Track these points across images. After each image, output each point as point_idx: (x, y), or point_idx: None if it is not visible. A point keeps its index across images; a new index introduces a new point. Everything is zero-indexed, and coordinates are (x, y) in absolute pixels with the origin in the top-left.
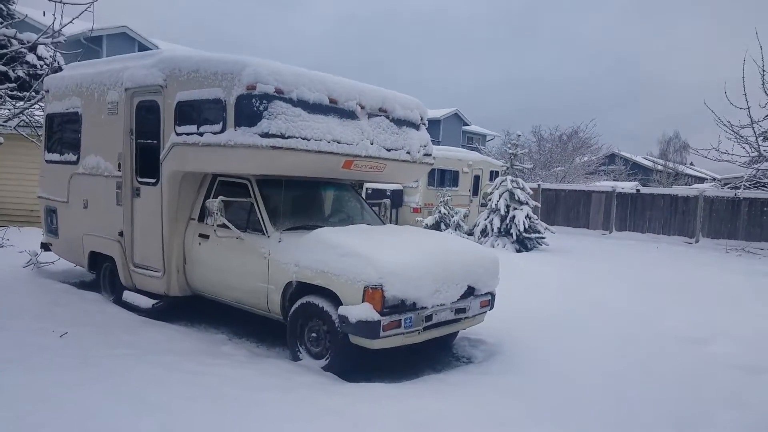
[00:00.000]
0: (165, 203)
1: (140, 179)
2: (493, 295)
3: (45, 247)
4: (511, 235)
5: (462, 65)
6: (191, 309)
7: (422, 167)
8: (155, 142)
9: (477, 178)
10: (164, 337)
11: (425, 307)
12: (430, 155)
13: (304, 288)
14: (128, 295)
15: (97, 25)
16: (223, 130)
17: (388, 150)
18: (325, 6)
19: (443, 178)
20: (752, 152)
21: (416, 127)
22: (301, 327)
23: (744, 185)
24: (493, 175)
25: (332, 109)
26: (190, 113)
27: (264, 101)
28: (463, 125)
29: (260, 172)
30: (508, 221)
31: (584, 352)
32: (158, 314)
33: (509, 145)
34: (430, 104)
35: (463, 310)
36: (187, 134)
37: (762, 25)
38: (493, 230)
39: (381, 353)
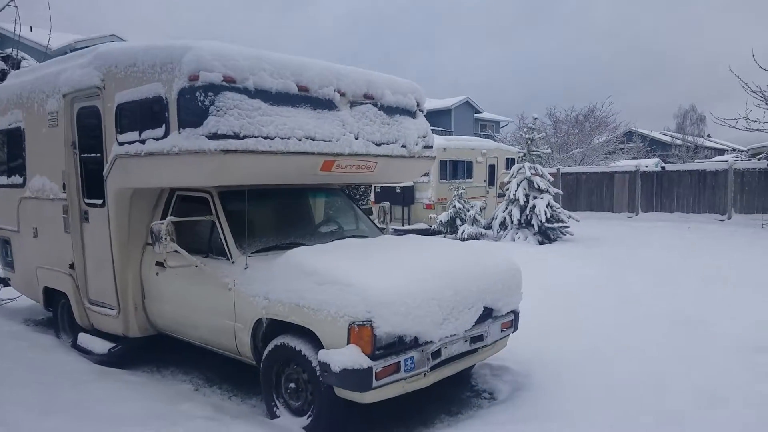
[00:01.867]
0: (113, 227)
1: (87, 200)
2: (516, 313)
3: (3, 282)
4: (533, 226)
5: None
6: (160, 350)
7: (422, 162)
8: (99, 155)
9: (492, 168)
10: (113, 394)
11: (431, 342)
12: (432, 147)
13: (278, 326)
14: (83, 338)
15: (87, 35)
16: (166, 135)
17: (378, 144)
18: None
19: (456, 169)
20: None
21: (412, 114)
22: (276, 375)
23: None
24: (509, 162)
25: (303, 98)
26: (131, 117)
27: (210, 94)
28: (475, 113)
29: (215, 183)
30: (528, 212)
31: (633, 378)
32: (118, 360)
33: (525, 129)
34: (441, 93)
35: (480, 338)
36: (129, 143)
37: None
38: (512, 222)
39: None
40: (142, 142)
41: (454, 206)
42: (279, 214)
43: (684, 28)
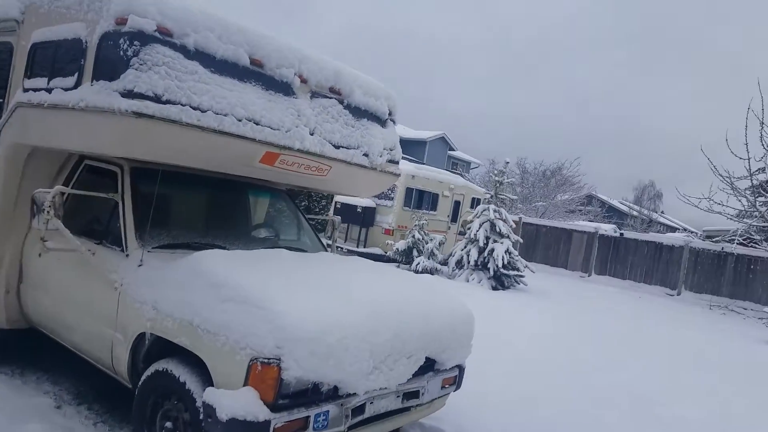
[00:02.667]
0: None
1: None
2: (461, 368)
3: None
4: (489, 269)
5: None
6: (37, 348)
7: (385, 177)
8: (2, 100)
9: (457, 204)
10: None
11: (353, 395)
12: (397, 163)
13: (164, 346)
14: None
15: None
16: (76, 86)
17: (337, 147)
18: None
19: (421, 199)
20: (748, 206)
21: (381, 122)
22: (152, 408)
23: (737, 239)
24: (475, 202)
25: (255, 74)
26: (44, 61)
27: (136, 43)
28: (449, 150)
29: (122, 153)
30: (486, 254)
31: None
32: None
33: (495, 172)
34: (418, 125)
35: (415, 395)
36: (35, 90)
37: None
38: (469, 262)
39: None
40: (49, 90)
41: (413, 236)
42: (204, 206)
43: (658, 107)
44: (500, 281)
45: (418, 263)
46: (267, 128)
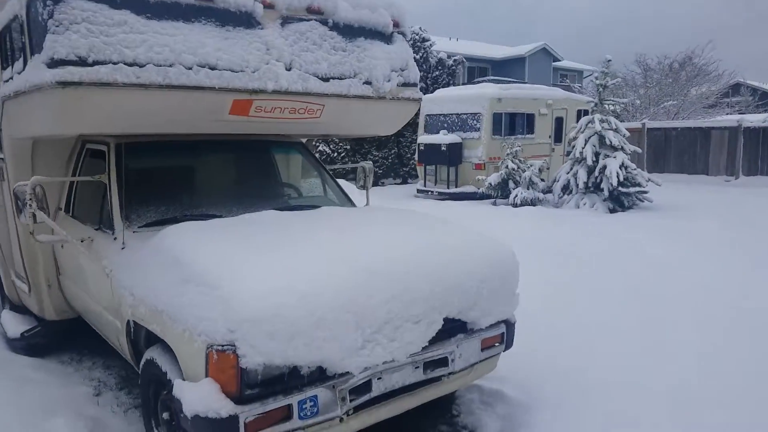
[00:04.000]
0: (12, 186)
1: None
2: (509, 324)
3: None
4: (602, 190)
5: None
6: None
7: (400, 106)
8: None
9: (560, 121)
10: None
11: (347, 374)
12: (414, 86)
13: (150, 334)
14: (6, 316)
15: None
16: (24, 67)
17: (325, 79)
18: None
19: (513, 123)
20: None
21: (385, 38)
22: (153, 397)
23: None
24: (582, 115)
25: (203, 10)
26: (6, 47)
27: (48, 2)
28: (554, 61)
29: (67, 131)
30: (597, 173)
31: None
32: (34, 346)
33: (597, 74)
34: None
35: (443, 363)
36: (6, 80)
37: None
38: (578, 186)
39: None
40: (13, 78)
41: (507, 166)
42: (200, 175)
43: None
44: (618, 201)
45: (516, 196)
46: (227, 72)
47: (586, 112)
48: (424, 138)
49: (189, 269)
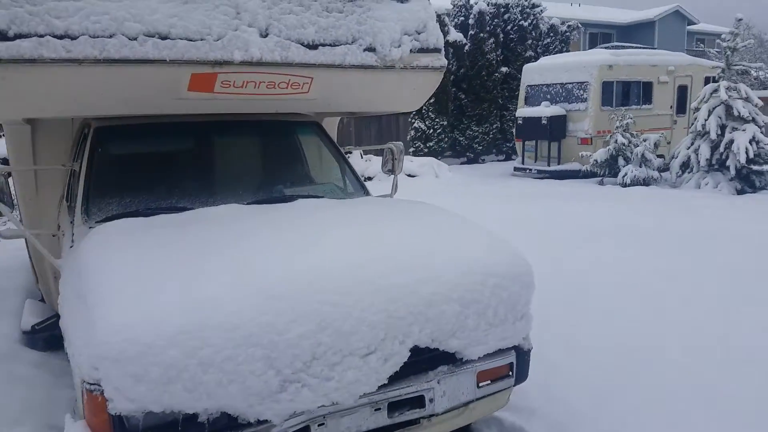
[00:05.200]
0: (15, 173)
1: None
2: (520, 352)
3: None
4: (728, 168)
5: None
6: None
7: (415, 77)
8: None
9: (683, 90)
10: None
11: (266, 422)
12: (438, 51)
13: None
14: (27, 306)
15: None
16: None
17: (312, 46)
18: None
19: (627, 93)
20: None
21: None
22: None
23: None
24: (710, 82)
25: None
26: None
27: None
28: (688, 24)
29: (7, 117)
30: (722, 149)
31: None
32: (43, 340)
33: (723, 36)
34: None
35: (417, 403)
36: None
37: None
38: (699, 163)
39: None
40: None
41: (616, 141)
42: (181, 161)
43: None
44: (748, 181)
45: (625, 174)
46: (182, 41)
47: (716, 80)
48: (522, 111)
49: (84, 281)
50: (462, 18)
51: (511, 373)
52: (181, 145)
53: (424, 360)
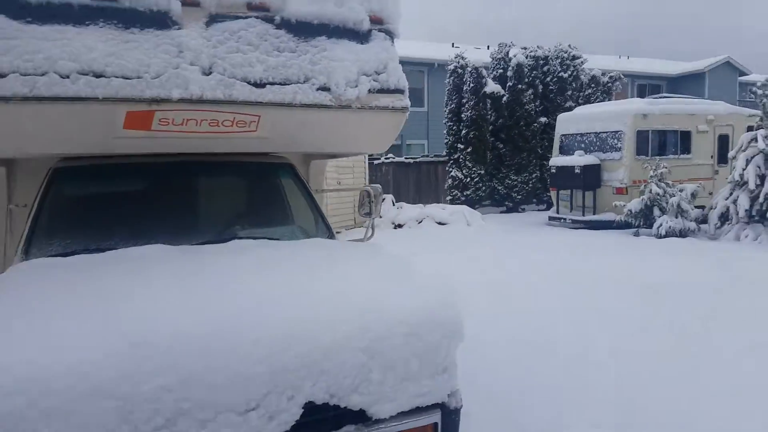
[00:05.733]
0: None
1: None
2: (447, 410)
3: None
4: None
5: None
6: None
7: (376, 117)
8: None
9: (724, 139)
10: None
11: None
12: (398, 92)
13: None
14: None
15: None
16: None
17: (260, 85)
18: None
19: (663, 142)
20: None
21: (358, 37)
22: None
23: None
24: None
25: (100, 10)
26: None
27: None
28: (740, 75)
29: None
30: (762, 199)
31: None
32: None
33: (759, 84)
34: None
35: None
36: None
37: None
38: (738, 214)
39: None
40: None
41: (650, 190)
42: (131, 202)
43: None
44: None
45: (660, 225)
46: (117, 79)
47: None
48: (556, 160)
49: None
50: (500, 71)
51: None
52: (134, 187)
53: (328, 419)
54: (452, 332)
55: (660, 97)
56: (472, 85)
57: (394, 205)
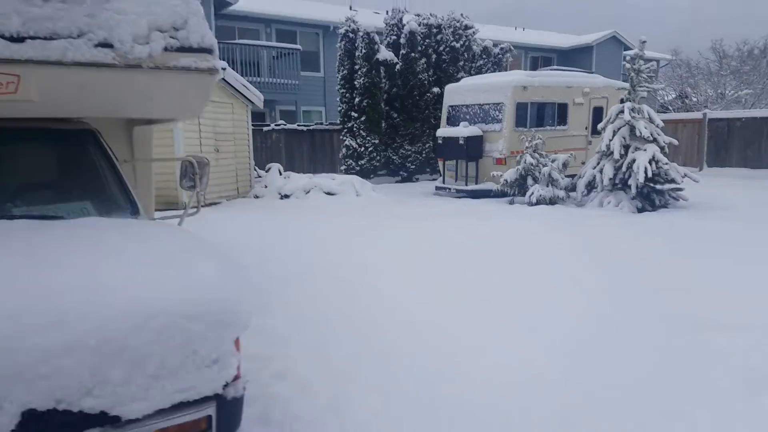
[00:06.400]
0: None
1: None
2: (223, 402)
3: None
4: (629, 187)
5: None
6: None
7: (177, 78)
8: None
9: (598, 111)
10: None
11: None
12: (208, 51)
13: None
14: None
15: None
16: None
17: (18, 39)
18: None
19: (542, 114)
20: None
21: None
22: None
23: None
24: None
25: None
26: None
27: None
28: (625, 49)
29: None
30: (624, 168)
31: None
32: None
33: (628, 59)
34: (583, 29)
35: None
36: None
37: None
38: (603, 182)
39: None
40: None
41: (525, 161)
42: None
43: None
44: (648, 199)
45: (532, 193)
46: None
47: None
48: (442, 131)
49: None
50: (394, 37)
51: (209, 427)
52: None
53: (67, 423)
54: (223, 321)
55: (553, 69)
56: (364, 51)
57: (281, 174)
